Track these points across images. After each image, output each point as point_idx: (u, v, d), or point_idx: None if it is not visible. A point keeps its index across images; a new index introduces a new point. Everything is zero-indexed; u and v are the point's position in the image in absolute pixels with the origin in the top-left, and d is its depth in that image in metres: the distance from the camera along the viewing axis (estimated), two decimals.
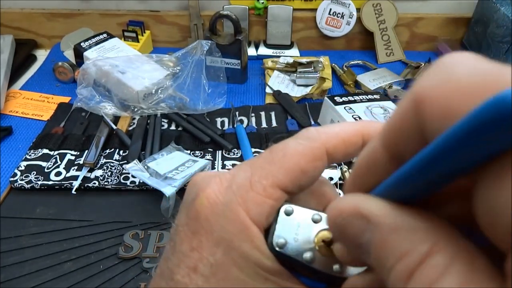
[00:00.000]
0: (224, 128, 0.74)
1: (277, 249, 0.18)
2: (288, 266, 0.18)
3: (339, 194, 0.22)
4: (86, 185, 0.61)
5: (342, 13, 0.96)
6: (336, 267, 0.18)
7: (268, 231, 0.18)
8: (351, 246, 0.15)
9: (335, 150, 0.19)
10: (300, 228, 0.19)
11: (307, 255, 0.18)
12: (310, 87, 0.83)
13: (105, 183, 0.62)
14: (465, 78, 0.11)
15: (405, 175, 0.13)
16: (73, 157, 0.66)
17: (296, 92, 0.83)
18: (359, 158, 0.16)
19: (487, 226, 0.11)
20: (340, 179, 0.63)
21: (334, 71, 0.91)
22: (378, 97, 0.73)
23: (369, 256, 0.14)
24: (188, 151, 0.67)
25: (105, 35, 0.86)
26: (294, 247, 0.18)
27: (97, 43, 0.83)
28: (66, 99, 0.83)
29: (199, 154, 0.68)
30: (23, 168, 0.64)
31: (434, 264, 0.11)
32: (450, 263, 0.11)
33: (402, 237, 0.12)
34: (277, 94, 0.82)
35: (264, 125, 0.76)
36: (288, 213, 0.19)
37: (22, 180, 0.61)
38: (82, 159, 0.65)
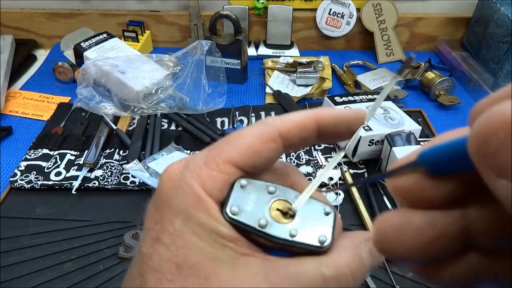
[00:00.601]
0: (224, 128, 0.74)
1: (230, 215, 0.19)
2: (246, 235, 0.19)
3: (304, 176, 0.23)
4: (86, 185, 0.61)
5: (342, 13, 0.96)
6: (291, 231, 0.19)
7: (224, 203, 0.20)
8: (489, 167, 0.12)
9: (289, 133, 0.20)
10: (255, 198, 0.20)
11: (261, 221, 0.19)
12: (310, 87, 0.83)
13: (105, 183, 0.62)
14: None
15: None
16: (73, 157, 0.66)
17: (296, 92, 0.83)
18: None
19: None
20: (340, 179, 0.63)
21: (334, 71, 0.91)
22: None
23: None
24: (188, 151, 0.67)
25: (105, 35, 0.86)
26: (248, 214, 0.19)
27: (97, 43, 0.83)
28: (66, 99, 0.83)
29: None
30: (23, 168, 0.64)
31: None
32: None
33: None
34: (277, 94, 0.82)
35: None
36: (243, 185, 0.20)
37: (22, 180, 0.61)
38: (82, 159, 0.65)
